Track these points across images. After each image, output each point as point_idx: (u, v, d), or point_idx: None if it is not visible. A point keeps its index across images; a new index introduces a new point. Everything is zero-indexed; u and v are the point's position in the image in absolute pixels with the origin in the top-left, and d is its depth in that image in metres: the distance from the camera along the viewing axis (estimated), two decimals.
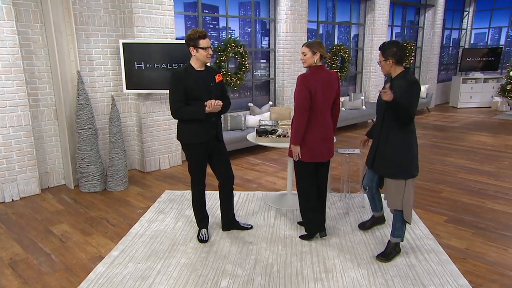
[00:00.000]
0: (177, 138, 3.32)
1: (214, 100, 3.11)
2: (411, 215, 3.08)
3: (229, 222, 3.68)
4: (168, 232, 3.69)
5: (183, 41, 5.35)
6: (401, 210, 3.04)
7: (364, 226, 3.69)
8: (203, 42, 3.08)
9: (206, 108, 3.10)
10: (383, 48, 2.94)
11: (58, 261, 3.18)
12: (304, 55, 3.20)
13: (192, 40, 3.07)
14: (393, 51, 2.89)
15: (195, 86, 3.13)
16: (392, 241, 3.19)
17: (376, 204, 3.57)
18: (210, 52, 3.14)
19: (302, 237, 3.51)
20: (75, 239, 3.56)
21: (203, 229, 3.55)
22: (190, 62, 3.21)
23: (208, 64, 3.30)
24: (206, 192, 3.56)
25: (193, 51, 3.11)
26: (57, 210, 4.24)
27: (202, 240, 3.48)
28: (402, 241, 3.21)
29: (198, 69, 3.19)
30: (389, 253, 3.16)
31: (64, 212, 4.17)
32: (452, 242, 3.44)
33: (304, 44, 3.24)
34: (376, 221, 3.69)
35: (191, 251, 3.32)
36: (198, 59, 3.14)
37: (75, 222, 3.92)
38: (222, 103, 3.14)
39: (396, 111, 2.83)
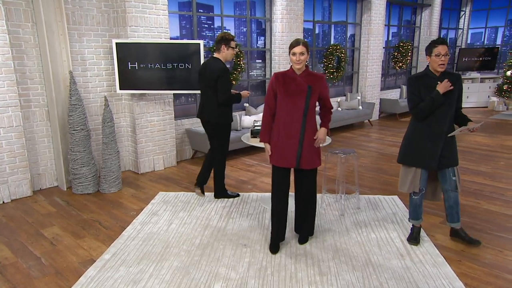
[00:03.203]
0: (217, 121, 4.08)
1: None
2: None
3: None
4: (161, 234, 3.65)
5: (178, 41, 5.35)
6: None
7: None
8: (234, 44, 4.03)
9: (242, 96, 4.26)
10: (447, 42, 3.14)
11: (48, 265, 3.13)
12: (302, 55, 3.04)
13: (227, 40, 3.94)
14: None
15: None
16: (456, 227, 3.44)
17: (422, 210, 3.45)
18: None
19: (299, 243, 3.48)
20: (66, 242, 3.52)
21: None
22: (218, 58, 4.00)
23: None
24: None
25: (224, 48, 3.97)
26: (48, 212, 4.19)
27: (237, 194, 4.54)
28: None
29: None
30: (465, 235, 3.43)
31: (55, 215, 4.12)
32: (448, 244, 3.42)
33: (300, 43, 3.04)
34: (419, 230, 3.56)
35: (184, 254, 3.29)
36: (227, 56, 4.02)
37: (66, 225, 3.87)
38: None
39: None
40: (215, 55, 4.03)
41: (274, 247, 3.31)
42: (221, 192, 4.46)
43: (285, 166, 3.16)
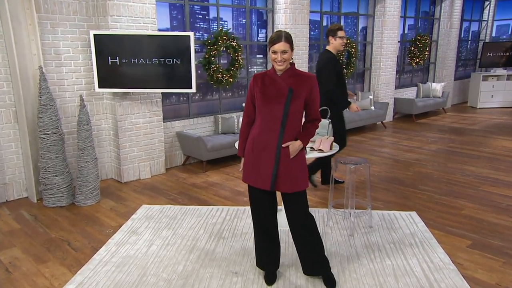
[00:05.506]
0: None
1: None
2: None
3: None
4: (138, 258, 3.30)
5: (165, 33, 5.01)
6: None
7: None
8: (341, 33, 4.29)
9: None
10: None
11: None
12: (285, 53, 2.58)
13: (333, 30, 4.30)
14: None
15: (343, 70, 4.56)
16: None
17: None
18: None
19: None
20: (25, 268, 3.17)
21: None
22: (328, 49, 4.37)
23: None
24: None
25: (332, 39, 4.32)
26: (11, 230, 3.85)
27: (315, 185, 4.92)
28: None
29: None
30: None
31: (19, 233, 3.78)
32: (479, 275, 3.03)
33: (282, 38, 2.58)
34: None
35: (162, 284, 2.93)
36: (336, 46, 4.34)
37: (29, 246, 3.53)
38: None
39: None
40: (327, 47, 4.46)
41: (270, 277, 2.95)
42: (324, 179, 4.91)
43: (258, 186, 2.73)
